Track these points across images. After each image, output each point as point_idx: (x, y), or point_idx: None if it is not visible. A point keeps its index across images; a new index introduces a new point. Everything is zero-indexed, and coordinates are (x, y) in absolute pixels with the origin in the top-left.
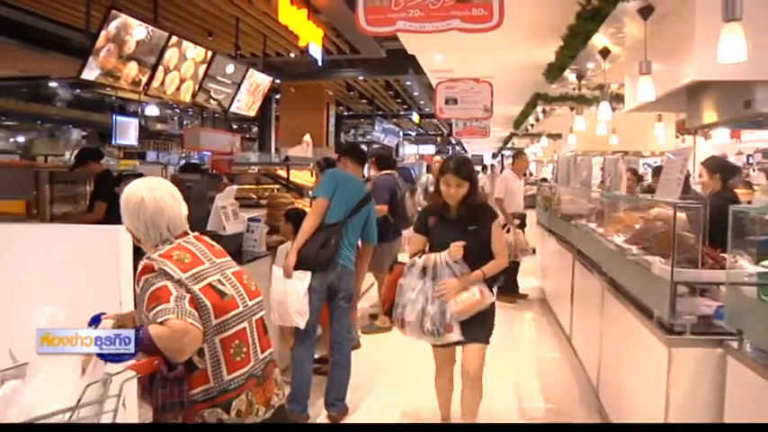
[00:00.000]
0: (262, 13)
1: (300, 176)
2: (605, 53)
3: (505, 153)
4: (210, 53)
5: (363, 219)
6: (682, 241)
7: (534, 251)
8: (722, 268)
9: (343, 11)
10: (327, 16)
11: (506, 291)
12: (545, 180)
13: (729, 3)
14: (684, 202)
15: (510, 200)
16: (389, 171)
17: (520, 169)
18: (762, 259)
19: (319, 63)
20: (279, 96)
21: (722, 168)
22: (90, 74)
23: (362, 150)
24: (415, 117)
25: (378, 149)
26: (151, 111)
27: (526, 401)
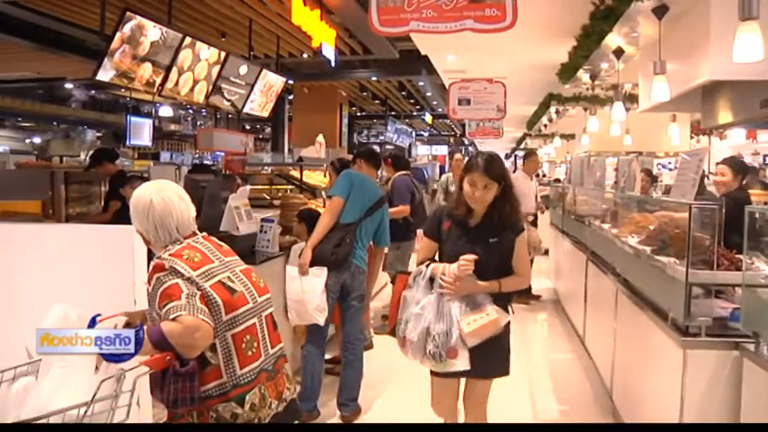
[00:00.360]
0: (275, 14)
1: (313, 177)
2: (619, 53)
3: (518, 154)
4: (224, 54)
5: (377, 221)
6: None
7: (547, 252)
8: (738, 270)
9: (356, 11)
10: (340, 17)
11: (519, 292)
12: (558, 181)
13: (746, 1)
14: (700, 203)
15: (521, 201)
16: (405, 172)
17: (531, 170)
18: None
19: (332, 64)
20: (292, 97)
21: (744, 169)
22: (105, 75)
23: (378, 154)
24: (428, 118)
25: (393, 150)
26: (165, 111)
27: (539, 403)
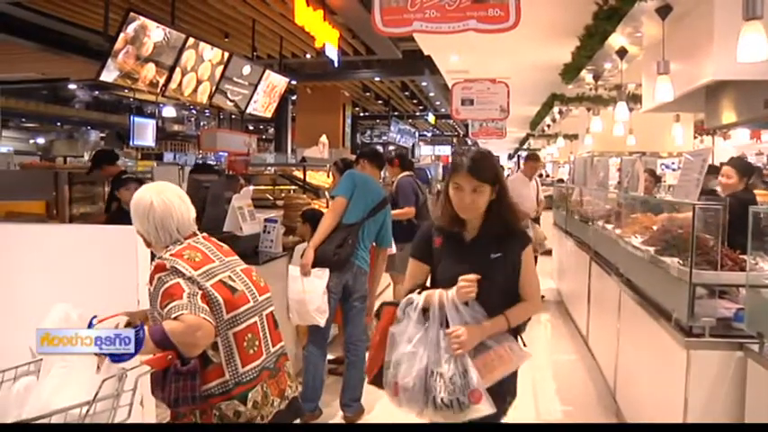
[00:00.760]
0: (278, 15)
1: (317, 177)
2: (622, 53)
3: (522, 154)
4: (227, 54)
5: (380, 222)
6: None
7: (550, 252)
8: (742, 270)
9: (359, 12)
10: (343, 17)
11: None
12: (561, 181)
13: (750, 0)
14: (704, 203)
15: (520, 205)
16: (409, 173)
17: (530, 172)
18: None
19: (335, 64)
20: (295, 97)
21: (750, 170)
22: (108, 76)
23: (381, 154)
24: (431, 118)
25: (399, 150)
26: (168, 112)
27: (542, 403)
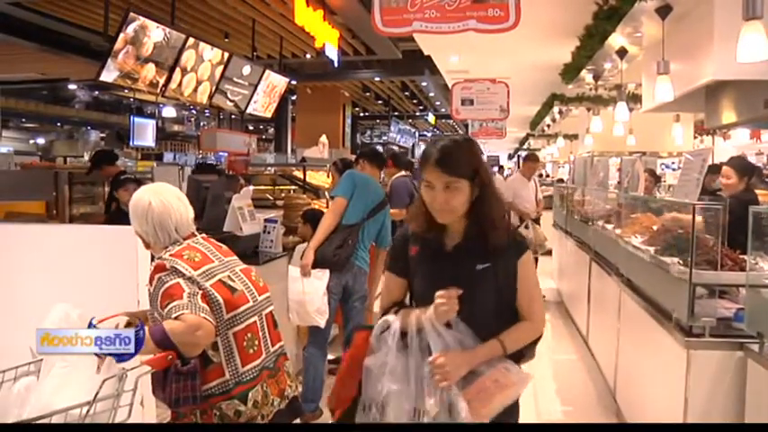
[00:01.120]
0: (278, 15)
1: (316, 177)
2: (622, 53)
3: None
4: (227, 55)
5: (380, 222)
6: (700, 242)
7: (550, 252)
8: (742, 270)
9: (359, 12)
10: (343, 17)
11: None
12: (561, 181)
13: (750, 1)
14: (704, 203)
15: (519, 205)
16: (405, 173)
17: (528, 173)
18: None
19: (335, 64)
20: (295, 97)
21: (750, 170)
22: (108, 76)
23: (381, 155)
24: (431, 118)
25: (390, 151)
26: (168, 112)
27: (542, 403)
